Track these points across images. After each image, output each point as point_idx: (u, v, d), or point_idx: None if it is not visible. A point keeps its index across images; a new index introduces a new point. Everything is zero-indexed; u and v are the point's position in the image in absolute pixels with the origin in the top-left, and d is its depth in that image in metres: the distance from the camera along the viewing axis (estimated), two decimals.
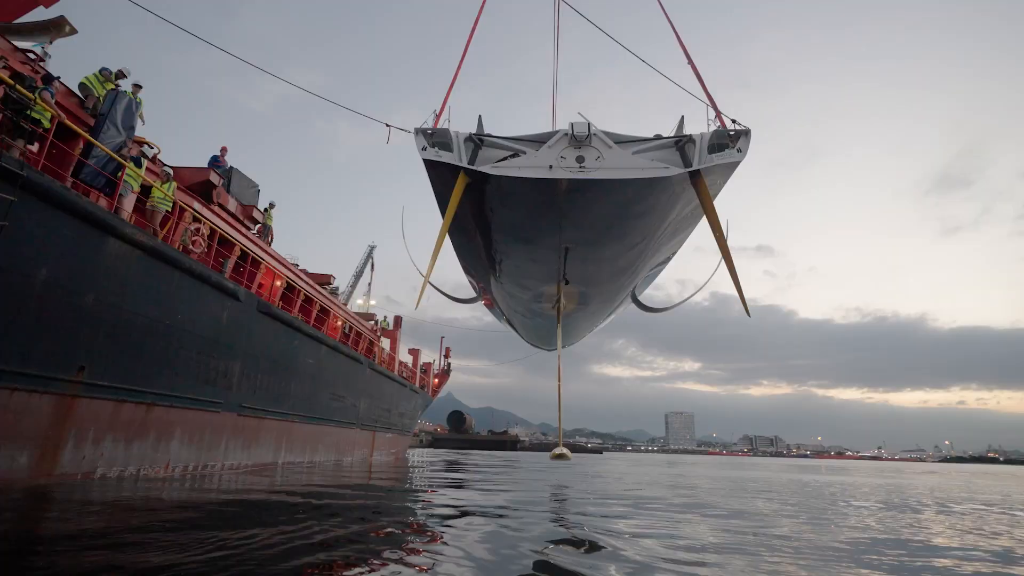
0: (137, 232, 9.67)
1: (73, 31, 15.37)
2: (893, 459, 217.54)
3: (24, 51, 9.61)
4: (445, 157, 8.14)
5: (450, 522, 6.67)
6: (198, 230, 11.80)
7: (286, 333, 15.60)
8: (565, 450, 10.74)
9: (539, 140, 8.35)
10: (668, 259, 12.79)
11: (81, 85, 10.41)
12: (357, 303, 50.56)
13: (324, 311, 20.01)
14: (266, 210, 17.57)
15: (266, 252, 15.98)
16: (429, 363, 40.01)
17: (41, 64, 9.70)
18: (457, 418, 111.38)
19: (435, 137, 8.22)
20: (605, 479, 17.14)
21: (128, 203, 10.20)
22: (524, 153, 8.34)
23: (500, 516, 7.47)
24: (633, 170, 7.81)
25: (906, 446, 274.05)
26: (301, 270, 19.79)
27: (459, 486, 12.23)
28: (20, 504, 6.37)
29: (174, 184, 10.94)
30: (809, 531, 6.84)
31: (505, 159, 8.47)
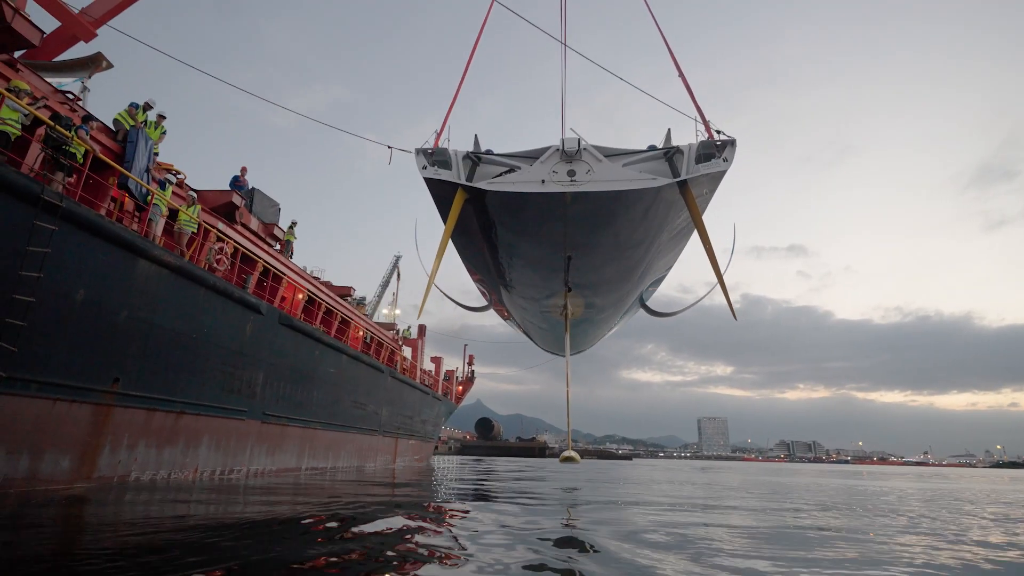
0: (165, 253, 10.48)
1: (109, 66, 16.56)
2: (940, 464, 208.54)
3: (63, 92, 10.54)
4: (444, 175, 8.70)
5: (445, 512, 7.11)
6: (221, 249, 12.62)
7: (307, 344, 16.35)
8: (574, 453, 11.14)
9: (533, 156, 8.84)
10: (672, 264, 13.07)
11: (114, 121, 11.34)
12: (383, 313, 51.70)
13: (345, 322, 20.79)
14: (289, 228, 18.46)
15: (288, 267, 16.81)
16: (452, 371, 40.67)
17: (79, 103, 10.64)
18: (485, 425, 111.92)
19: (435, 156, 8.80)
20: (613, 483, 17.33)
21: (158, 226, 11.07)
22: (519, 168, 8.84)
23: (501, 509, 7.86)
24: (622, 182, 8.23)
25: (954, 451, 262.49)
26: (324, 283, 20.64)
27: (464, 490, 12.67)
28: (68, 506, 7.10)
29: (198, 207, 11.79)
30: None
31: (501, 174, 8.98)
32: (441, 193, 8.91)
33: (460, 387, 43.91)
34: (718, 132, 8.34)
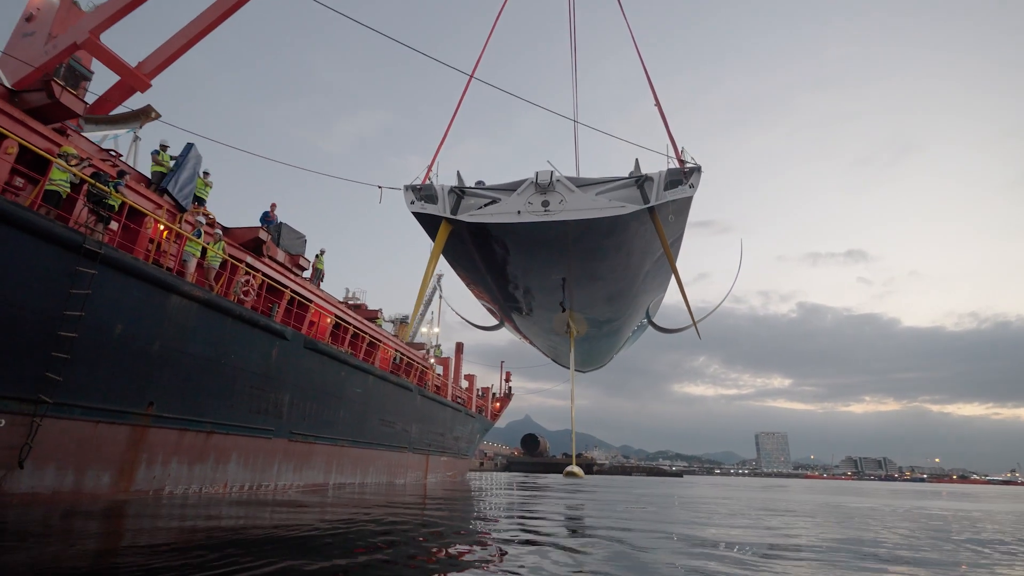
0: (194, 288, 11.69)
1: (157, 116, 18.45)
2: None
3: (105, 150, 12.02)
4: (429, 209, 9.51)
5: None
6: (248, 281, 13.83)
7: (332, 366, 17.42)
8: (577, 469, 11.55)
9: (511, 188, 9.51)
10: (668, 282, 13.33)
11: (153, 173, 12.79)
12: (421, 331, 53.15)
13: (372, 343, 21.85)
14: (317, 256, 19.76)
15: (315, 294, 18.02)
16: (487, 387, 41.30)
17: (120, 159, 12.09)
18: (531, 441, 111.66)
19: (422, 191, 9.63)
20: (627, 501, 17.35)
21: (191, 266, 12.34)
22: (500, 200, 9.51)
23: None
24: (592, 210, 8.78)
25: None
26: (351, 306, 21.81)
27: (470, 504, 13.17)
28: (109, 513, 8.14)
29: (223, 243, 13.03)
30: None
31: (484, 206, 9.68)
32: (428, 225, 9.70)
33: (497, 404, 44.47)
34: (683, 163, 8.74)
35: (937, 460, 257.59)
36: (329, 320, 18.87)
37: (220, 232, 13.08)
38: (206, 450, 12.20)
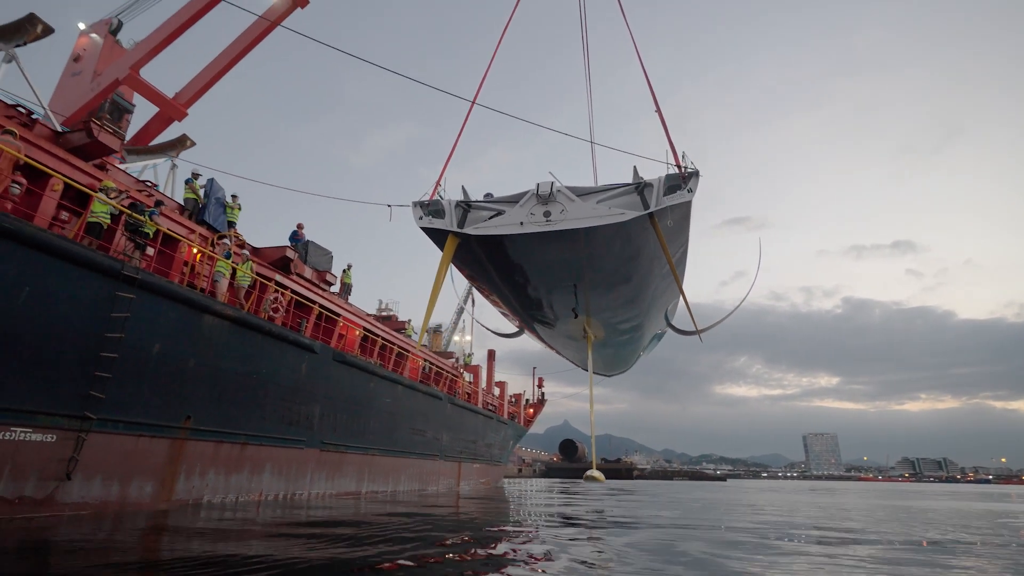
0: (226, 308, 12.35)
1: (192, 144, 19.52)
2: None
3: (142, 181, 12.86)
4: (436, 223, 9.88)
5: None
6: (276, 299, 14.48)
7: (361, 377, 17.96)
8: (598, 473, 11.65)
9: (514, 200, 9.76)
10: (681, 284, 13.29)
11: (185, 199, 13.60)
12: (454, 340, 53.82)
13: (401, 354, 22.38)
14: (344, 271, 20.44)
15: (343, 308, 18.65)
16: (519, 394, 41.45)
17: (155, 188, 12.91)
18: (569, 447, 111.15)
19: (430, 207, 10.00)
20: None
21: (222, 286, 13.04)
22: (504, 212, 9.78)
23: None
24: (592, 218, 8.96)
25: None
26: (382, 317, 22.42)
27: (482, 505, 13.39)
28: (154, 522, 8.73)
29: (251, 263, 13.70)
30: None
31: (490, 218, 9.97)
32: (437, 239, 10.06)
33: (531, 410, 44.56)
34: (684, 168, 8.81)
35: (1004, 460, 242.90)
36: (358, 332, 19.47)
37: (248, 253, 13.75)
38: (241, 461, 12.82)
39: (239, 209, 14.74)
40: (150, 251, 11.56)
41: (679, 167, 8.84)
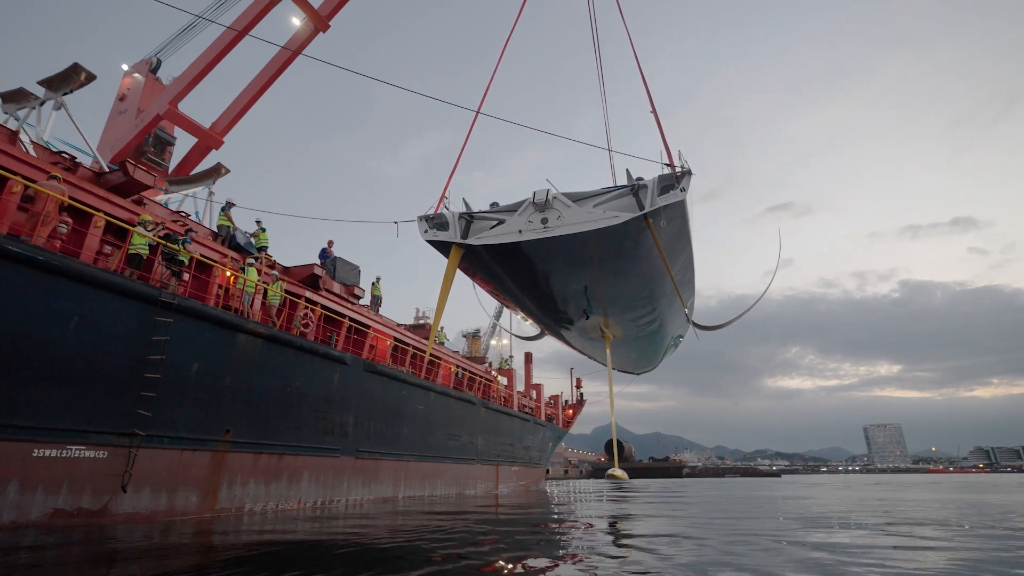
0: (258, 326, 13.09)
1: (227, 171, 20.59)
2: None
3: (176, 212, 13.77)
4: (441, 236, 10.28)
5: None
6: (306, 315, 15.19)
7: (393, 386, 18.55)
8: (620, 472, 11.76)
9: (514, 209, 10.04)
10: (691, 281, 13.26)
11: (218, 225, 14.48)
12: (491, 344, 54.30)
13: (432, 362, 22.92)
14: (373, 284, 21.13)
15: (373, 320, 19.30)
16: (556, 395, 41.53)
17: (188, 218, 13.80)
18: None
19: (434, 220, 10.41)
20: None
21: (255, 305, 13.82)
22: (504, 221, 10.09)
23: None
24: (587, 223, 9.16)
25: None
26: (414, 327, 23.06)
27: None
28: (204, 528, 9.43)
29: (281, 283, 14.44)
30: None
31: (492, 227, 10.29)
32: (443, 251, 10.45)
33: (570, 411, 44.57)
34: (677, 168, 8.86)
35: None
36: (389, 342, 20.09)
37: (277, 273, 14.50)
38: (280, 470, 13.53)
39: (265, 233, 15.53)
40: (187, 276, 12.41)
41: (672, 167, 8.91)
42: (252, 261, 13.91)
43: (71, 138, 15.60)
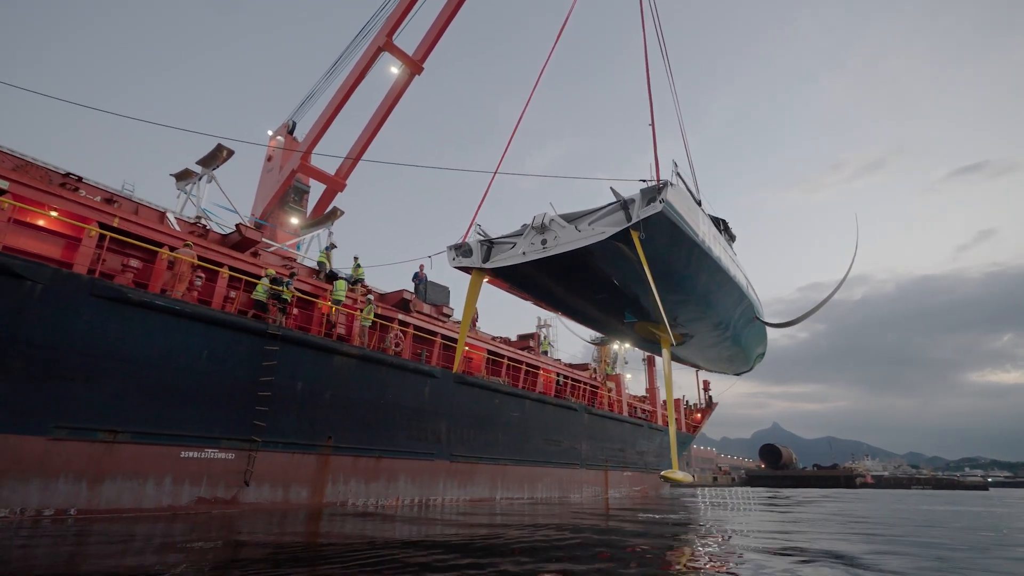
0: (351, 348, 15.41)
1: (342, 213, 23.91)
2: None
3: (285, 257, 16.71)
4: (465, 262, 11.56)
5: None
6: (396, 335, 17.34)
7: (485, 395, 20.07)
8: (679, 474, 11.91)
9: (521, 232, 10.94)
10: (735, 278, 12.82)
11: (318, 263, 17.26)
12: (613, 348, 54.00)
13: (530, 370, 24.10)
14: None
15: (468, 335, 21.07)
16: (678, 399, 40.19)
17: (295, 262, 16.69)
18: (771, 452, 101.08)
19: (460, 249, 11.69)
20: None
21: (363, 331, 16.25)
22: (515, 244, 11.02)
23: None
24: (577, 241, 9.77)
25: None
26: (504, 339, 24.52)
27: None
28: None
29: (373, 307, 16.72)
30: None
31: (508, 250, 11.29)
32: (468, 275, 11.74)
33: (698, 415, 42.80)
34: (665, 180, 8.99)
35: None
36: (482, 354, 21.73)
37: (371, 298, 16.83)
38: (378, 471, 15.69)
39: (361, 268, 18.02)
40: (295, 311, 15.14)
41: (658, 178, 9.08)
42: (336, 271, 16.44)
43: (221, 201, 19.68)
